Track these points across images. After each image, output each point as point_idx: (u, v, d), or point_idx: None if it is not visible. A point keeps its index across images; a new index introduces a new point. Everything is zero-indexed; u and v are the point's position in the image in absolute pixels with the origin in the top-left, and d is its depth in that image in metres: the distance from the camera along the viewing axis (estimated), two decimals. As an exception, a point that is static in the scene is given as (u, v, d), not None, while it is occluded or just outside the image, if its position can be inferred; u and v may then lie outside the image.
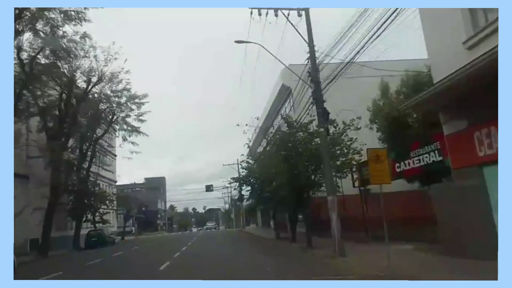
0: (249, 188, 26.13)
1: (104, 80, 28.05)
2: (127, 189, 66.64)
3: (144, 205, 77.68)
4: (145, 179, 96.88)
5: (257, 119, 20.58)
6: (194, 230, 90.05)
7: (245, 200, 61.18)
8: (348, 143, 14.82)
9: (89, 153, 31.22)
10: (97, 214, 34.83)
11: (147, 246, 27.47)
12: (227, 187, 69.05)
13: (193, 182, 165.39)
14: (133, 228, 57.19)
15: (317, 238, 16.13)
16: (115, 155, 49.85)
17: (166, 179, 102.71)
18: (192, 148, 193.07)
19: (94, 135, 31.61)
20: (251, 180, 23.35)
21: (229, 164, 53.91)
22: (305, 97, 15.06)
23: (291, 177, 15.26)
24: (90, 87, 27.61)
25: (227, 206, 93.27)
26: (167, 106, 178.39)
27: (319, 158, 13.70)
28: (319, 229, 17.31)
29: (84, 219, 32.23)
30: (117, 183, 57.00)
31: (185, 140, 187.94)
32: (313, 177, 15.76)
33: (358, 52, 11.65)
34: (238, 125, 19.26)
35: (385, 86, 16.17)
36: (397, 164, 14.17)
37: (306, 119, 15.66)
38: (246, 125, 19.26)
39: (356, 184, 17.46)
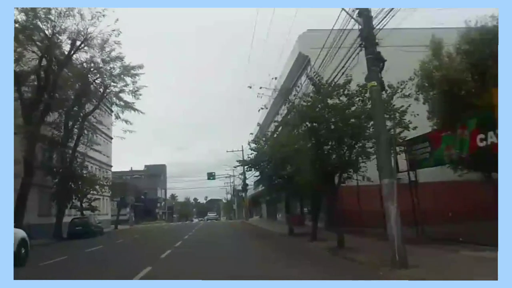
0: (257, 174, 24.46)
1: (92, 45, 26.16)
2: (125, 176, 66.63)
3: (143, 193, 77.27)
4: (145, 166, 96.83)
5: (275, 79, 16.42)
6: (196, 220, 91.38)
7: (250, 189, 57.07)
8: (399, 111, 11.91)
9: (75, 130, 26.26)
10: (85, 200, 32.87)
11: (136, 238, 26.00)
12: (230, 176, 65.38)
13: (195, 171, 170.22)
14: (129, 216, 56.59)
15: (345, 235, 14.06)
16: (111, 138, 48.41)
17: (167, 167, 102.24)
18: (194, 137, 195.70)
19: (83, 111, 29.80)
20: (261, 164, 20.56)
21: (233, 151, 51.56)
22: (330, 65, 12.65)
23: (317, 156, 12.95)
24: (74, 49, 25.82)
25: (229, 196, 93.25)
26: (169, 95, 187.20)
27: (359, 129, 11.86)
28: (340, 223, 14.84)
29: (70, 205, 30.28)
30: (116, 170, 57.00)
31: (187, 129, 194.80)
32: (349, 155, 13.02)
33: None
34: (250, 87, 15.14)
35: (438, 43, 13.29)
36: (481, 136, 10.36)
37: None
38: (261, 88, 15.12)
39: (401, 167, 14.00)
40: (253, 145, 21.28)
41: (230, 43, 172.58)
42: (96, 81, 29.31)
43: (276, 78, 16.33)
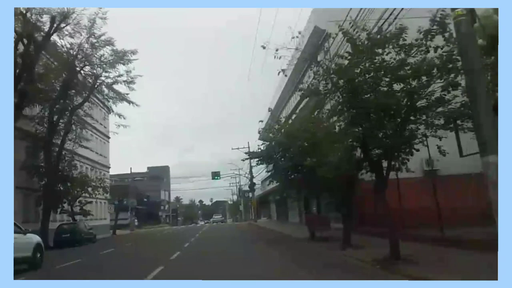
0: (259, 168, 19.92)
1: (79, 28, 24.33)
2: (127, 178, 65.36)
3: (146, 196, 78.13)
4: (148, 168, 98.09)
5: (298, 37, 12.71)
6: (201, 223, 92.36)
7: (257, 189, 53.91)
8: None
9: (61, 124, 23.04)
10: (77, 203, 31.06)
11: (128, 247, 23.49)
12: (236, 176, 62.73)
13: (199, 173, 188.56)
14: (130, 220, 54.72)
15: (376, 238, 13.28)
16: (108, 137, 46.50)
17: (170, 169, 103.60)
18: (198, 139, 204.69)
19: (70, 104, 27.40)
20: (275, 156, 17.85)
21: (238, 148, 50.22)
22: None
23: (357, 137, 10.24)
24: (54, 28, 23.62)
25: (234, 197, 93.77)
26: (172, 96, 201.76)
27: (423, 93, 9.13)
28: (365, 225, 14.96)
29: (59, 209, 28.20)
30: (118, 173, 57.52)
31: (191, 132, 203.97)
32: (407, 132, 10.02)
33: None
34: (264, 47, 11.60)
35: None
36: None
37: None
38: (277, 50, 11.50)
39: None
40: (265, 135, 18.32)
41: (237, 44, 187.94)
42: (85, 69, 27.61)
43: (298, 36, 12.90)
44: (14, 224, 13.19)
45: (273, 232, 27.72)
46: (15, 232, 12.10)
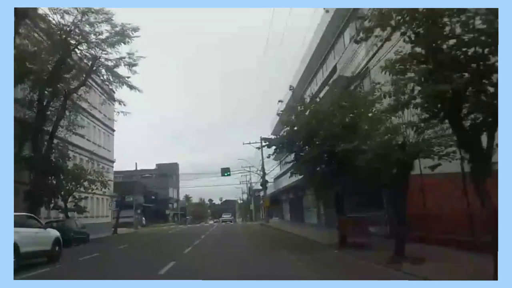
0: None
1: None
2: (135, 175, 60.53)
3: (153, 193, 74.90)
4: (156, 165, 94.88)
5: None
6: (211, 222, 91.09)
7: (269, 187, 51.52)
8: None
9: (51, 109, 20.27)
10: (71, 199, 28.31)
11: (120, 250, 19.61)
12: (247, 173, 60.91)
13: (209, 172, 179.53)
14: (135, 218, 51.57)
15: (431, 247, 11.42)
16: (113, 130, 44.60)
17: (179, 166, 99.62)
18: (208, 137, 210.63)
19: (62, 85, 24.19)
20: (298, 144, 14.96)
21: (249, 143, 47.02)
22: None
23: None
24: None
25: (245, 196, 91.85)
26: (183, 96, 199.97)
27: None
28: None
29: (52, 205, 25.42)
30: (126, 169, 56.00)
31: (201, 130, 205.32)
32: None
33: None
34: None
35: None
36: None
37: None
38: None
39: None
40: (287, 117, 15.32)
41: (247, 45, 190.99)
42: (81, 48, 24.95)
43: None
44: (35, 218, 15.09)
45: (291, 236, 25.06)
46: (35, 226, 13.73)
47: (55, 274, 11.47)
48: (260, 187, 58.65)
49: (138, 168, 63.53)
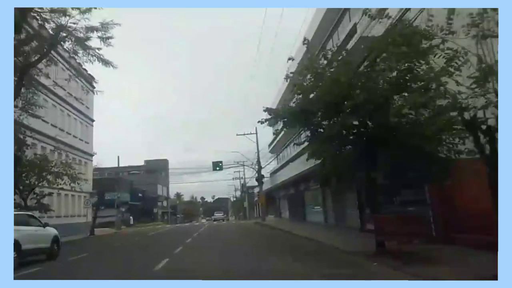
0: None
1: None
2: (121, 171, 62.02)
3: (141, 191, 70.96)
4: (145, 161, 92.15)
5: None
6: (203, 221, 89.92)
7: (270, 178, 47.98)
8: None
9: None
10: (34, 195, 24.06)
11: (72, 262, 15.01)
12: (241, 166, 57.36)
13: (200, 167, 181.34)
14: (117, 218, 47.11)
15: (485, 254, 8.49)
16: (92, 120, 41.16)
17: (169, 162, 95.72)
18: (198, 133, 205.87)
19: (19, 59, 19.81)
20: (318, 116, 11.22)
21: (244, 134, 44.43)
22: None
23: None
24: None
25: (237, 193, 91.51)
26: (174, 91, 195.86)
27: None
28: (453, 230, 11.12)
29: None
30: (112, 166, 53.08)
31: (193, 128, 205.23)
32: None
33: None
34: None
35: None
36: None
37: None
38: None
39: None
40: (300, 79, 11.72)
41: (239, 43, 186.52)
42: (43, 15, 20.48)
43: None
44: (34, 217, 15.27)
45: (301, 239, 19.30)
46: (35, 225, 13.99)
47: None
48: (254, 184, 56.62)
49: (126, 165, 59.05)
